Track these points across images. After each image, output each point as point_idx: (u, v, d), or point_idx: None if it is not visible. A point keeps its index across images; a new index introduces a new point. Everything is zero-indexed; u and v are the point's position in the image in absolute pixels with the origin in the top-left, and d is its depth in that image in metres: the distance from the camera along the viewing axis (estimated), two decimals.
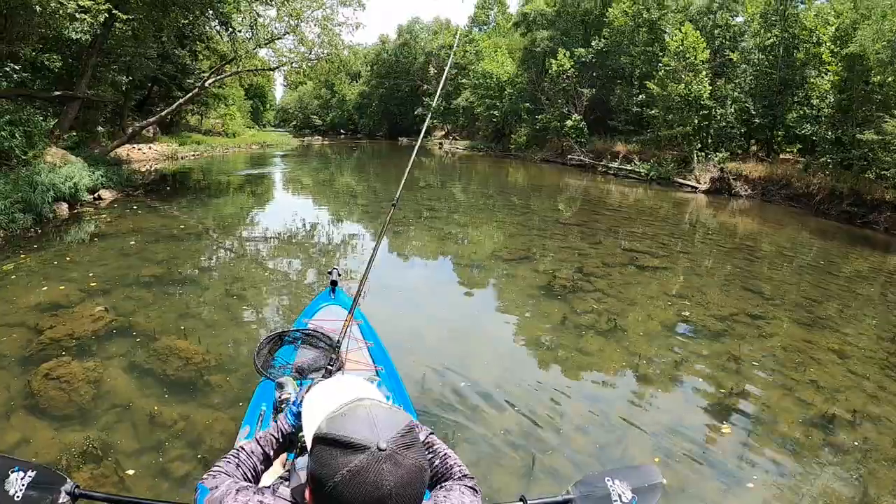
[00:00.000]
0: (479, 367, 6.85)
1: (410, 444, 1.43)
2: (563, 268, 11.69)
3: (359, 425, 1.42)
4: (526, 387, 6.46)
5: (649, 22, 37.19)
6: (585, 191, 27.82)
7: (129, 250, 11.52)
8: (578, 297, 9.74)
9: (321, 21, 27.09)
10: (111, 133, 29.61)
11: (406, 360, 6.65)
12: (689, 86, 30.72)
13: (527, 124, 48.56)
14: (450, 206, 20.81)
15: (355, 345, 4.52)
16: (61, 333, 7.09)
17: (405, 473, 1.37)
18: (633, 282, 10.98)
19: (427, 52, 76.95)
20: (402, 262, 12.76)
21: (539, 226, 16.84)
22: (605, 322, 8.59)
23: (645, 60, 37.24)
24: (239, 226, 15.79)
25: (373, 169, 35.33)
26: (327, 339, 3.94)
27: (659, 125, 33.49)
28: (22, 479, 2.24)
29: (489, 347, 7.70)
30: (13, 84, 19.39)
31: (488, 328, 8.51)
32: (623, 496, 2.44)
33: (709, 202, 25.60)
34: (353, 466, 1.35)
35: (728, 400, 6.44)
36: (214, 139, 47.55)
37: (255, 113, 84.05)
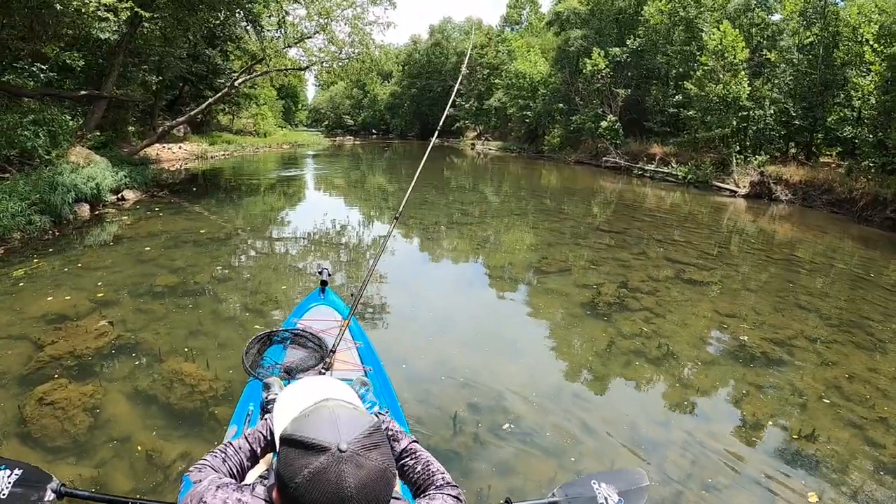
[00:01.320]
0: (517, 403, 6.05)
1: (374, 445, 1.45)
2: (607, 281, 10.75)
3: (321, 426, 1.44)
4: (568, 423, 5.70)
5: (686, 20, 36.06)
6: (622, 194, 26.79)
7: (145, 256, 10.97)
8: (625, 317, 8.85)
9: (351, 20, 26.85)
10: (141, 133, 29.62)
11: (432, 388, 6.13)
12: (728, 86, 29.71)
13: (560, 125, 47.71)
14: (482, 209, 20.09)
15: (344, 345, 4.53)
16: (62, 350, 6.55)
17: (367, 475, 1.39)
18: (681, 298, 10.10)
19: (459, 52, 76.41)
20: (431, 270, 11.98)
21: (577, 232, 15.89)
22: (656, 347, 7.73)
23: (682, 60, 36.15)
24: (263, 230, 15.13)
25: (404, 170, 34.68)
26: (316, 339, 3.97)
27: (696, 127, 32.42)
28: (8, 478, 2.28)
29: (527, 378, 6.75)
30: (40, 84, 19.25)
31: (526, 355, 7.58)
32: (609, 499, 2.46)
33: (748, 207, 24.48)
34: (314, 468, 1.37)
35: (795, 444, 5.62)
36: (245, 139, 47.76)
37: (287, 113, 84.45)
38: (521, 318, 8.96)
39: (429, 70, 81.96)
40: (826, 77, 28.62)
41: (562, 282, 10.72)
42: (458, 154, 53.81)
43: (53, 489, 2.35)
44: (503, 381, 6.44)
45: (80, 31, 19.13)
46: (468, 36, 78.59)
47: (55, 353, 6.50)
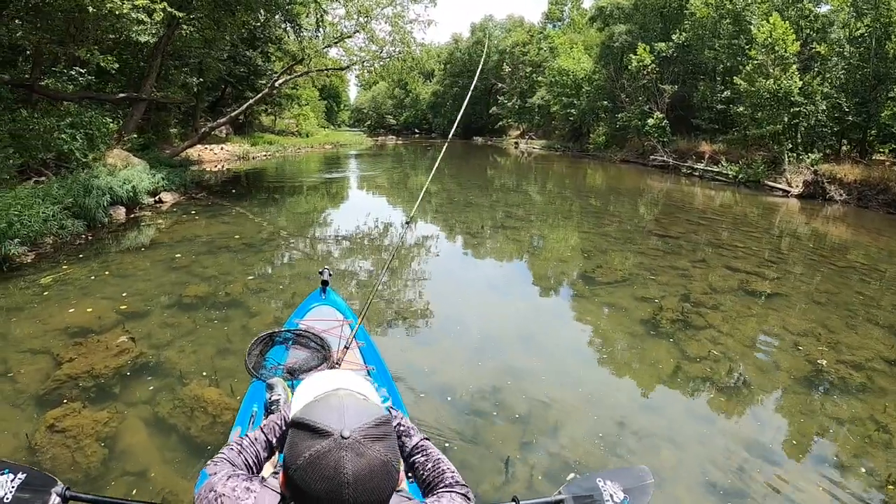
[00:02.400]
0: (578, 444, 5.34)
1: (379, 436, 1.45)
2: (668, 294, 9.87)
3: (328, 413, 1.46)
4: (631, 461, 5.03)
5: (733, 12, 34.73)
6: (671, 195, 25.76)
7: (176, 263, 10.52)
8: (689, 336, 8.03)
9: (391, 18, 26.55)
10: (184, 134, 29.79)
11: (480, 424, 5.57)
12: (779, 81, 28.60)
13: (605, 123, 46.77)
14: (528, 211, 19.41)
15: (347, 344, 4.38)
16: (80, 369, 6.11)
17: (366, 464, 1.39)
18: (747, 313, 9.22)
19: (501, 50, 75.81)
20: (477, 280, 11.17)
21: (631, 237, 14.94)
22: (725, 373, 6.94)
23: (730, 54, 34.75)
24: (301, 235, 14.60)
25: (447, 170, 34.15)
26: (318, 339, 3.92)
27: (746, 123, 31.25)
28: (12, 482, 2.24)
29: (589, 413, 5.92)
30: (79, 87, 19.22)
31: (586, 384, 6.63)
32: (615, 496, 2.44)
33: (801, 208, 23.21)
34: (315, 451, 1.39)
35: (883, 494, 4.89)
36: (287, 139, 47.94)
37: (330, 113, 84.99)
38: (579, 339, 8.11)
39: (471, 68, 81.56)
40: (879, 70, 27.11)
41: (619, 294, 9.85)
42: (501, 153, 53.17)
43: (58, 493, 2.30)
44: (562, 417, 5.72)
45: (121, 36, 19.19)
46: (510, 33, 77.97)
47: (73, 371, 6.07)
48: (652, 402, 6.30)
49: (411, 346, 7.17)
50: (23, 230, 10.54)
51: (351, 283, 10.07)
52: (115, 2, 14.40)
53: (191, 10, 20.03)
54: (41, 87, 17.56)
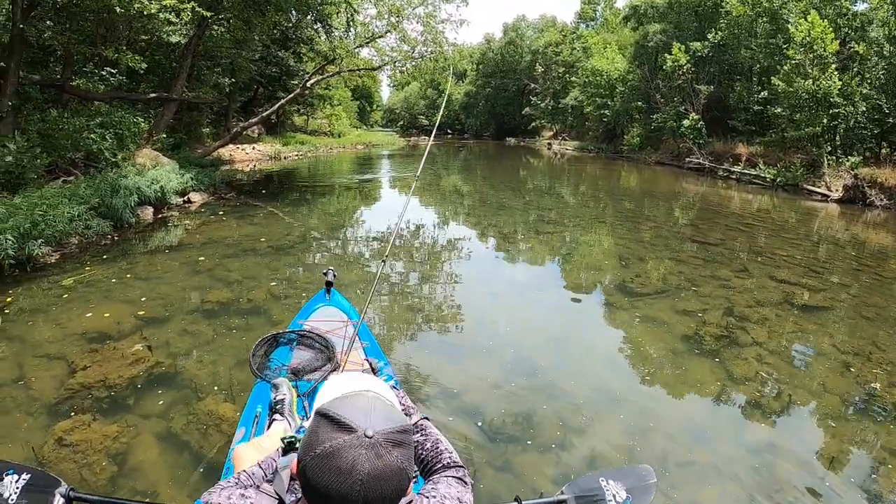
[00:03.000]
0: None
1: (400, 443, 1.44)
2: (710, 307, 9.25)
3: (356, 409, 1.45)
4: (674, 497, 4.63)
5: (770, 11, 33.88)
6: (709, 198, 24.99)
7: (201, 266, 10.28)
8: (734, 355, 7.46)
9: (423, 18, 26.30)
10: (216, 134, 30.03)
11: (514, 453, 5.19)
12: (818, 81, 27.85)
13: (639, 124, 46.15)
14: (561, 214, 18.91)
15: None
16: (94, 378, 5.86)
17: (383, 467, 1.38)
18: (794, 329, 8.67)
19: (533, 51, 75.36)
20: (508, 289, 10.64)
21: (669, 244, 14.26)
22: (774, 397, 6.41)
23: (767, 54, 33.95)
24: (330, 238, 14.25)
25: (480, 171, 33.82)
26: (323, 339, 3.96)
27: (784, 125, 30.47)
28: (16, 483, 2.24)
29: (627, 439, 5.45)
30: (111, 87, 19.30)
31: (626, 409, 6.07)
32: (617, 496, 2.43)
33: (841, 213, 22.29)
34: (336, 443, 1.38)
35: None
36: (319, 139, 48.16)
37: (363, 113, 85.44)
38: (618, 358, 7.52)
39: (503, 69, 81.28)
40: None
41: (659, 306, 9.26)
42: (534, 154, 52.70)
43: (62, 493, 2.30)
44: (600, 447, 5.26)
45: (153, 37, 19.46)
46: (542, 34, 77.50)
47: (86, 380, 5.83)
48: (696, 429, 5.81)
49: (439, 362, 6.78)
50: (47, 230, 10.43)
51: (363, 287, 9.82)
52: (142, 1, 14.32)
53: (220, 9, 20.00)
54: (72, 87, 17.59)
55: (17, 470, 2.30)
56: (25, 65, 17.30)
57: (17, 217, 10.03)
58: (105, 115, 16.77)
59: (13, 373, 6.18)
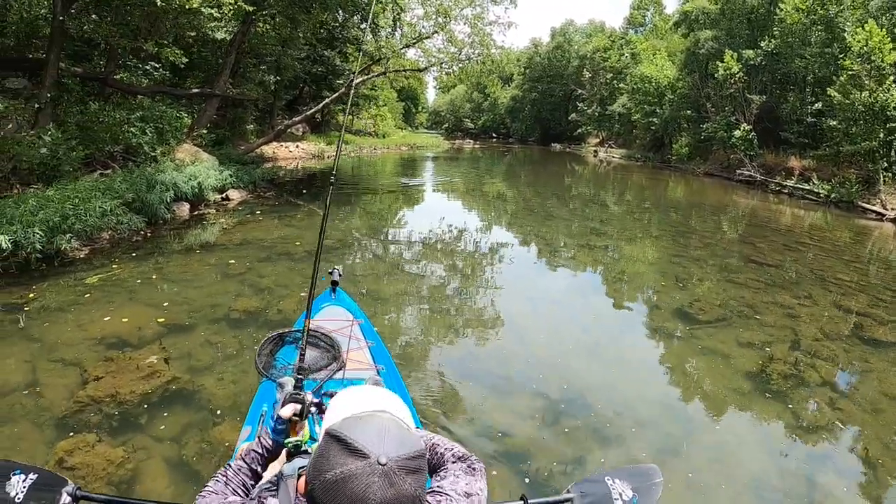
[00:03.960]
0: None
1: (414, 470, 1.40)
2: (775, 340, 8.26)
3: (369, 434, 1.40)
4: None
5: (825, 18, 32.51)
6: (762, 214, 23.76)
7: (231, 269, 9.81)
8: (804, 396, 6.65)
9: (471, 20, 25.92)
10: (261, 131, 29.92)
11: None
12: (874, 94, 26.69)
13: (688, 133, 45.13)
14: (609, 225, 18.18)
15: (356, 344, 4.52)
16: (105, 391, 5.43)
17: (395, 496, 1.34)
18: (865, 367, 7.72)
19: (581, 56, 74.55)
20: (553, 308, 9.73)
21: (727, 264, 13.10)
22: (848, 449, 5.65)
23: (822, 63, 32.80)
24: (369, 244, 13.62)
25: (524, 176, 33.18)
26: (328, 339, 3.85)
27: (839, 139, 29.22)
28: (23, 482, 2.24)
29: (692, 500, 4.75)
30: (154, 81, 19.26)
31: (690, 459, 5.34)
32: (623, 495, 2.40)
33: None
34: (348, 470, 1.34)
35: None
36: (364, 139, 48.49)
37: (408, 115, 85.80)
38: (679, 399, 6.63)
39: (550, 74, 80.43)
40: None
41: (721, 337, 8.32)
42: (579, 161, 51.77)
43: (69, 493, 2.30)
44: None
45: (198, 33, 19.41)
46: (590, 39, 76.72)
47: (97, 393, 5.40)
48: (765, 490, 5.01)
49: (482, 397, 6.09)
50: (77, 224, 10.18)
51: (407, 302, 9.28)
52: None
53: (264, 6, 19.85)
54: (115, 80, 17.49)
55: (24, 470, 2.29)
56: (69, 58, 17.37)
57: (47, 210, 9.77)
58: (146, 109, 16.60)
59: (27, 377, 5.86)
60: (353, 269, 10.74)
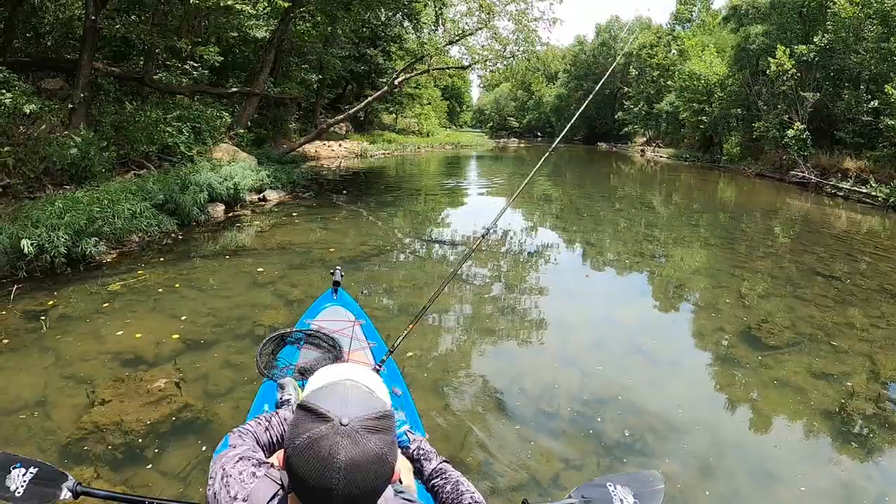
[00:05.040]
0: None
1: (377, 429, 1.43)
2: (854, 371, 7.11)
3: (332, 399, 1.45)
4: None
5: (881, 12, 31.12)
6: (819, 219, 21.89)
7: (261, 278, 9.23)
8: (891, 441, 5.66)
9: (515, 16, 25.27)
10: (303, 130, 30.00)
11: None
12: None
13: (738, 133, 43.88)
14: (662, 231, 17.29)
15: (358, 345, 4.51)
16: (111, 417, 4.94)
17: (360, 454, 1.38)
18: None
19: (627, 53, 73.50)
20: (603, 326, 8.58)
21: (791, 276, 11.76)
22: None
23: (878, 59, 31.42)
24: (410, 252, 12.64)
25: (570, 176, 32.35)
26: (330, 339, 3.93)
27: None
28: (24, 476, 2.25)
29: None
30: (193, 81, 19.13)
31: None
32: (625, 501, 2.40)
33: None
34: (313, 433, 1.38)
35: None
36: (407, 138, 48.33)
37: (452, 113, 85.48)
38: (749, 442, 5.59)
39: (595, 71, 79.25)
40: None
41: (791, 366, 7.20)
42: (625, 161, 50.57)
43: (69, 488, 2.30)
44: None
45: (240, 32, 19.64)
46: (636, 35, 75.55)
47: (102, 419, 4.92)
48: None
49: (522, 429, 5.38)
50: (105, 227, 9.84)
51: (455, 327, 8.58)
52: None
53: (302, 2, 19.72)
54: (152, 80, 17.31)
55: (24, 463, 2.30)
56: (107, 58, 17.39)
57: (73, 212, 9.44)
58: (184, 108, 16.44)
59: (37, 393, 5.49)
60: (377, 297, 9.27)
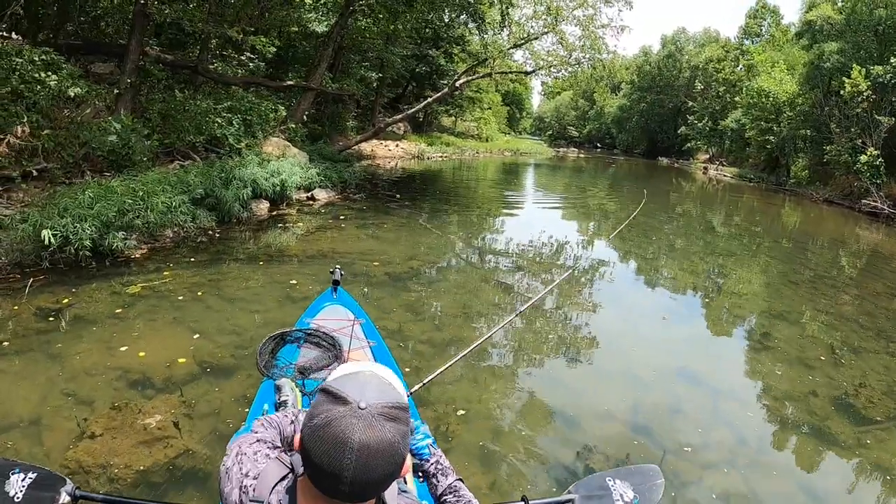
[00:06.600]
0: None
1: (393, 418, 1.45)
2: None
3: (352, 385, 1.48)
4: None
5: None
6: (891, 253, 19.86)
7: (295, 292, 8.27)
8: None
9: (583, 21, 24.68)
10: (361, 128, 30.03)
11: None
12: None
13: (806, 155, 42.17)
14: (731, 259, 15.94)
15: (357, 344, 4.35)
16: (98, 457, 4.22)
17: (373, 438, 1.39)
18: None
19: (693, 66, 71.91)
20: (662, 373, 7.14)
21: (881, 327, 10.04)
22: None
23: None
24: (462, 269, 11.51)
25: (628, 192, 31.19)
26: (330, 338, 3.91)
27: None
28: (22, 481, 2.24)
29: None
30: (249, 72, 19.03)
31: None
32: (624, 496, 2.40)
33: None
34: (331, 414, 1.41)
35: None
36: (466, 141, 48.47)
37: (512, 119, 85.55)
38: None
39: (660, 84, 77.83)
40: None
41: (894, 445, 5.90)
42: (686, 177, 48.88)
43: (68, 492, 2.29)
44: None
45: (300, 27, 20.12)
46: (703, 48, 73.93)
47: (88, 457, 4.21)
48: None
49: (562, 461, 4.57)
50: (138, 220, 9.29)
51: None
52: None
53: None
54: (206, 69, 16.97)
55: (23, 468, 2.28)
56: (163, 45, 17.67)
57: (104, 203, 8.85)
58: (237, 99, 16.01)
59: (33, 410, 4.89)
60: (422, 323, 7.89)
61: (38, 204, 8.94)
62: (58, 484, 2.31)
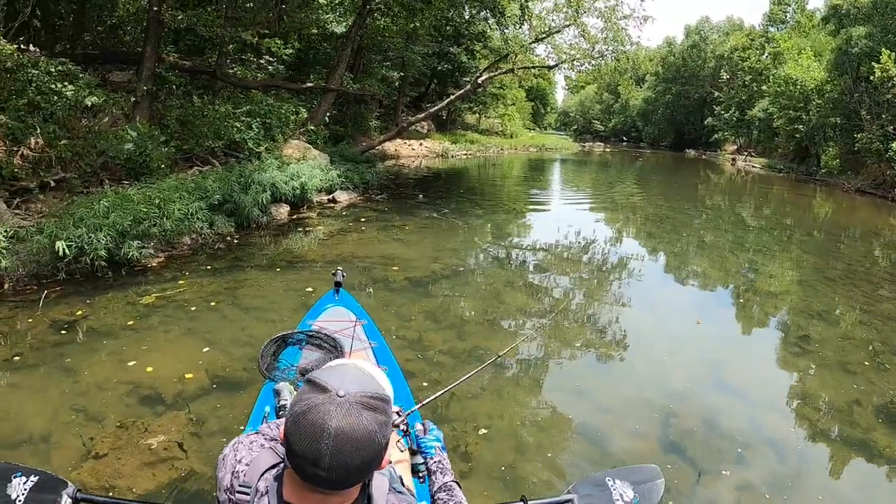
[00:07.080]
0: None
1: (372, 408, 1.47)
2: None
3: (334, 375, 1.50)
4: None
5: None
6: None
7: (312, 301, 7.22)
8: None
9: (604, 12, 24.25)
10: (384, 128, 29.97)
11: None
12: None
13: (837, 143, 41.33)
14: (758, 246, 15.61)
15: (359, 345, 4.43)
16: (101, 478, 4.09)
17: (350, 425, 1.41)
18: None
19: (718, 56, 71.07)
20: (692, 402, 6.57)
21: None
22: None
23: None
24: (487, 273, 11.00)
25: (656, 186, 30.58)
26: (331, 340, 3.93)
27: None
28: (24, 484, 2.19)
29: None
30: (268, 76, 19.11)
31: None
32: (624, 495, 2.37)
33: None
34: (312, 401, 1.43)
35: None
36: (490, 138, 48.05)
37: (536, 115, 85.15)
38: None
39: (685, 74, 77.01)
40: None
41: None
42: (714, 169, 48.15)
43: (70, 495, 2.22)
44: None
45: (319, 29, 20.23)
46: (727, 37, 73.05)
47: (91, 480, 4.09)
48: None
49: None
50: (154, 228, 9.20)
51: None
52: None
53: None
54: (225, 74, 17.10)
55: (24, 472, 2.20)
56: (181, 51, 17.72)
57: (120, 212, 8.75)
58: (256, 102, 15.97)
59: (44, 426, 4.80)
60: (443, 332, 7.46)
61: (55, 214, 8.89)
62: (59, 487, 2.26)
